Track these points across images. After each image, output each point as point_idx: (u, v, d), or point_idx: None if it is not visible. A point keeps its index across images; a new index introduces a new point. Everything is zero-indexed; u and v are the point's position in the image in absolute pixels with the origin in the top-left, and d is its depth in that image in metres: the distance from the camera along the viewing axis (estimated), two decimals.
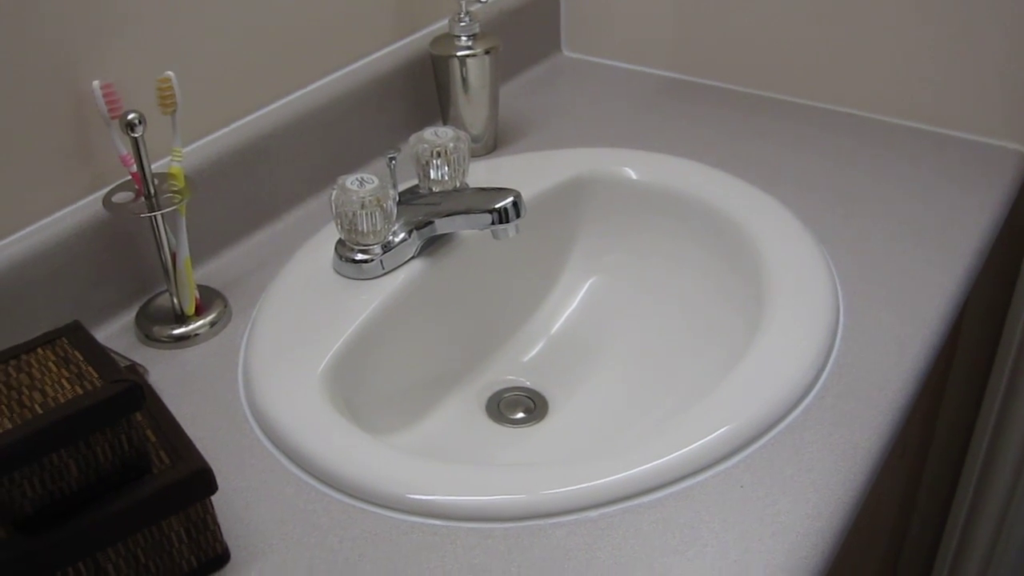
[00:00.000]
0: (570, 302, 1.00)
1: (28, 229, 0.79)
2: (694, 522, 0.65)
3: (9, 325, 0.77)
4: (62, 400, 0.55)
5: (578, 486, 0.66)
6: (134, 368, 0.66)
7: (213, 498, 0.67)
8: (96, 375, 0.57)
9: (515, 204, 0.83)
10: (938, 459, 1.28)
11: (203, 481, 0.59)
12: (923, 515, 1.33)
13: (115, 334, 0.84)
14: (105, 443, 0.56)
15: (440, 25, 1.11)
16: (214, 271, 0.91)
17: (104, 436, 0.56)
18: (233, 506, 0.67)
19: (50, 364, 0.58)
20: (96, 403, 0.54)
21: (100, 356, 0.59)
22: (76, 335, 0.61)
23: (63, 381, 0.57)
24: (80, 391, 0.56)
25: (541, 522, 0.65)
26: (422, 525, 0.65)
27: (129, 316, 0.85)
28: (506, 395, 0.94)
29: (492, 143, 1.08)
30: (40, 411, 0.54)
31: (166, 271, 0.82)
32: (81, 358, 0.59)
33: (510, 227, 0.84)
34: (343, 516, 0.66)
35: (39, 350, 0.60)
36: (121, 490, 0.58)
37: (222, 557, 0.63)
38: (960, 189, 0.97)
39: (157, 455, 0.60)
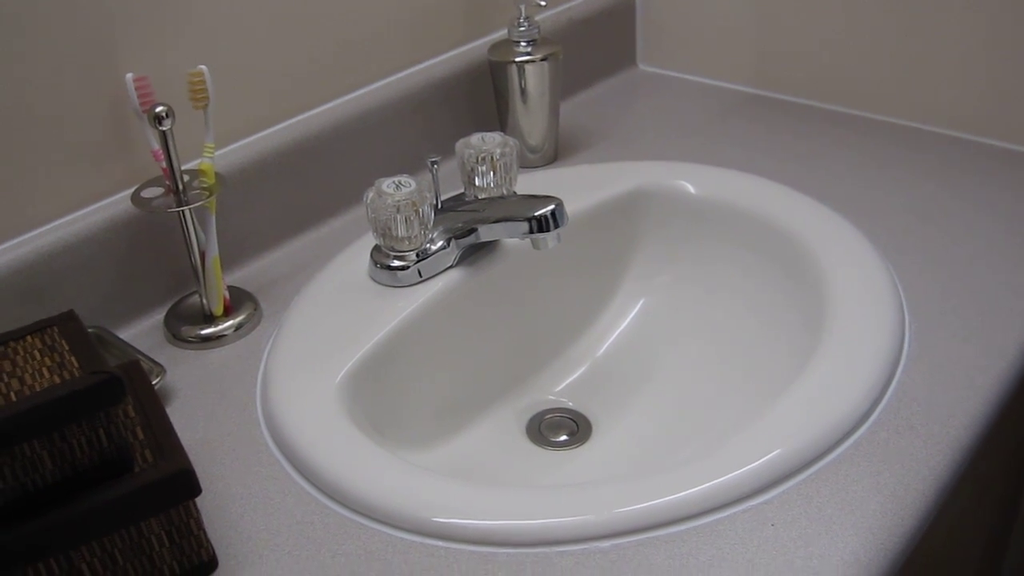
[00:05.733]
0: (620, 323, 0.95)
1: (60, 220, 0.79)
2: (715, 561, 0.59)
3: (36, 315, 0.76)
4: (38, 389, 0.53)
5: (591, 515, 0.61)
6: (136, 365, 0.64)
7: (208, 504, 0.65)
8: (77, 365, 0.55)
9: (554, 213, 0.78)
10: None
11: (184, 482, 0.56)
12: (1014, 570, 1.23)
13: (144, 332, 0.82)
14: (82, 436, 0.54)
15: (503, 32, 1.08)
16: (252, 273, 0.89)
17: (80, 429, 0.53)
18: (228, 513, 0.64)
19: (35, 352, 0.57)
20: (69, 393, 0.52)
21: (86, 347, 0.56)
22: (67, 325, 0.59)
23: (43, 370, 0.55)
24: (58, 381, 0.54)
25: (548, 550, 0.60)
26: (420, 545, 0.61)
27: (160, 314, 0.84)
28: (548, 416, 0.89)
29: (552, 154, 1.04)
30: (14, 399, 0.52)
31: (194, 270, 0.80)
32: (67, 348, 0.57)
33: (550, 237, 0.79)
34: (340, 531, 0.63)
35: (28, 338, 0.58)
36: (99, 487, 0.55)
37: (208, 565, 0.60)
38: None
39: (142, 454, 0.58)
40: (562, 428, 0.88)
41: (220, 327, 0.81)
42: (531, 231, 0.79)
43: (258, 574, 0.60)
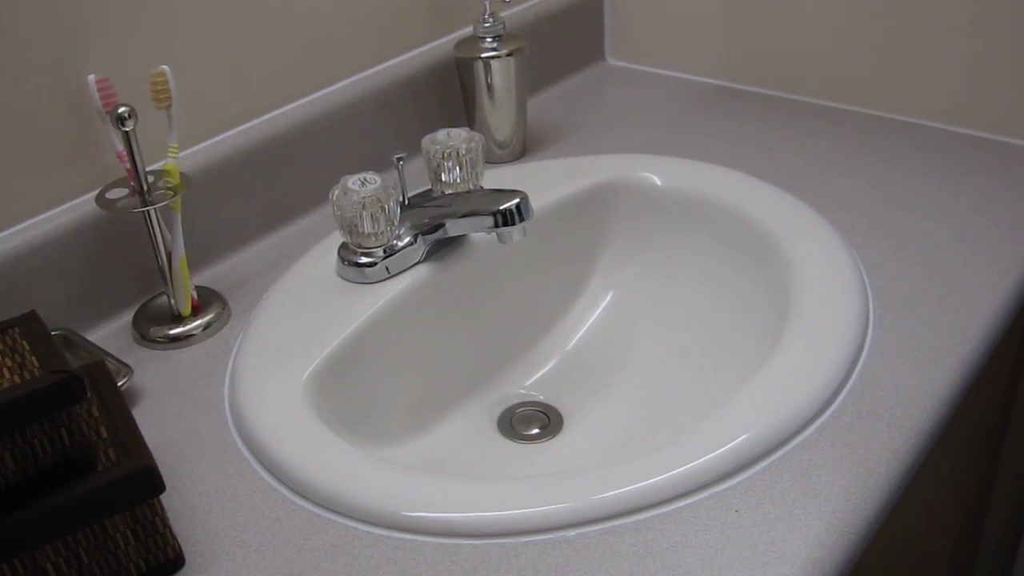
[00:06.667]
0: (589, 316, 0.95)
1: (25, 223, 0.78)
2: (679, 547, 0.59)
3: (2, 317, 0.76)
4: None
5: (556, 504, 0.61)
6: (101, 364, 0.64)
7: (176, 502, 0.65)
8: (37, 365, 0.55)
9: (519, 207, 0.79)
10: (1005, 494, 1.18)
11: (147, 480, 0.56)
12: (989, 551, 1.24)
13: (113, 333, 0.82)
14: (43, 436, 0.54)
15: (469, 29, 1.08)
16: (221, 273, 0.89)
17: (42, 428, 0.54)
18: (196, 510, 0.64)
19: None
20: (28, 393, 0.52)
21: (47, 347, 0.56)
22: (29, 326, 0.59)
23: (4, 370, 0.55)
24: (18, 381, 0.54)
25: (513, 540, 0.61)
26: (386, 538, 0.61)
27: (129, 315, 0.83)
28: (519, 410, 0.90)
29: (520, 149, 1.04)
30: None
31: (161, 270, 0.80)
32: (28, 348, 0.57)
33: (515, 230, 0.80)
34: (307, 526, 0.63)
35: None
36: (62, 486, 0.55)
37: (174, 562, 0.60)
38: (1016, 198, 0.89)
39: (105, 452, 0.58)
40: (533, 421, 0.88)
41: (188, 327, 0.81)
42: (496, 225, 0.79)
43: (225, 570, 0.60)
